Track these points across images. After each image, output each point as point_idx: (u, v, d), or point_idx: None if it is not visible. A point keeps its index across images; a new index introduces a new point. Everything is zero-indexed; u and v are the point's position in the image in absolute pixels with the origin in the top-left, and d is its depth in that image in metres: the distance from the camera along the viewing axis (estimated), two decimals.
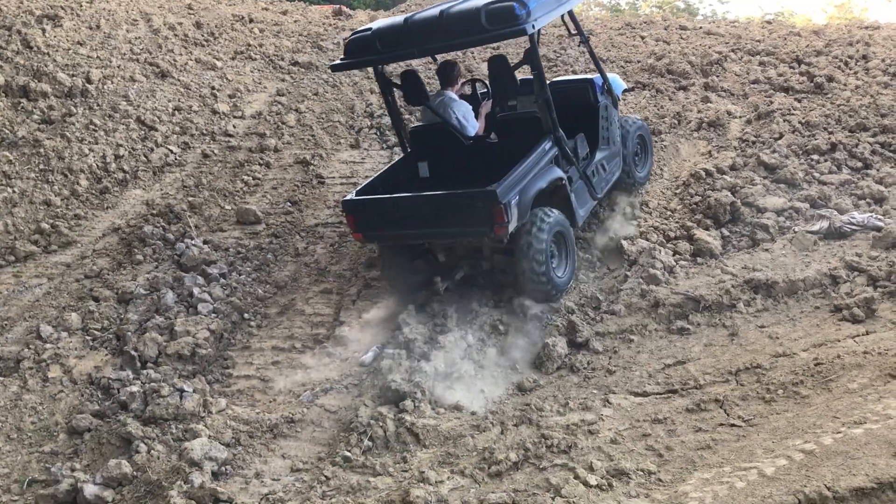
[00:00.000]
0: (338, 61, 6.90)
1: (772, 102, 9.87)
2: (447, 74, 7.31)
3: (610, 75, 8.20)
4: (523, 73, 7.42)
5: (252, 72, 12.04)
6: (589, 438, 4.83)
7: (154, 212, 8.21)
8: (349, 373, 6.00)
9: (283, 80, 11.93)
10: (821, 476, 3.84)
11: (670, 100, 10.65)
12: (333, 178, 9.25)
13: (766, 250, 7.02)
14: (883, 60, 11.19)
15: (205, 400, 5.45)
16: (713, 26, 14.88)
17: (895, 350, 5.05)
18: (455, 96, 7.24)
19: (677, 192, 8.24)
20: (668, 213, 7.94)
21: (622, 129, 8.04)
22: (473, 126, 7.10)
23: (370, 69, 8.70)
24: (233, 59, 12.31)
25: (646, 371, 5.62)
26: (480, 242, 6.67)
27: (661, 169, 8.78)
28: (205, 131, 10.10)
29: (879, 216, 7.25)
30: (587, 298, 6.67)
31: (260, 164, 9.43)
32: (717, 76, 11.12)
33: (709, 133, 9.39)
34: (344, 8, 21.99)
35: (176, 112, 10.26)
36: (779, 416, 4.69)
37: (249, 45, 12.94)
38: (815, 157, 8.47)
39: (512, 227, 6.12)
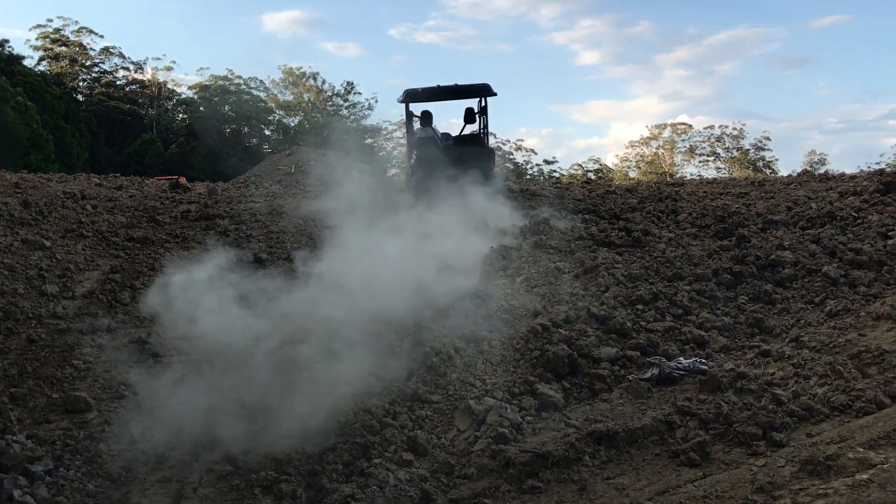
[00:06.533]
0: (400, 98, 15.34)
1: (596, 257, 10.57)
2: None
3: None
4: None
5: (84, 249, 11.64)
6: None
7: None
8: None
9: (117, 257, 11.59)
10: None
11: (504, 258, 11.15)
12: (171, 355, 8.91)
13: (605, 400, 7.31)
14: (690, 214, 12.35)
15: None
16: (538, 188, 15.99)
17: (730, 492, 5.31)
18: (437, 130, 15.64)
19: (518, 347, 8.50)
20: (511, 369, 8.15)
21: None
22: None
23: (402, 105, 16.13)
24: (63, 237, 11.89)
25: None
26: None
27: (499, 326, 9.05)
28: (31, 315, 9.54)
29: (703, 360, 7.78)
30: (439, 464, 6.63)
31: (92, 347, 8.95)
32: (545, 235, 11.82)
33: (541, 289, 9.86)
34: (182, 179, 22.01)
35: None
36: None
37: (81, 222, 12.59)
38: (640, 306, 9.07)
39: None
